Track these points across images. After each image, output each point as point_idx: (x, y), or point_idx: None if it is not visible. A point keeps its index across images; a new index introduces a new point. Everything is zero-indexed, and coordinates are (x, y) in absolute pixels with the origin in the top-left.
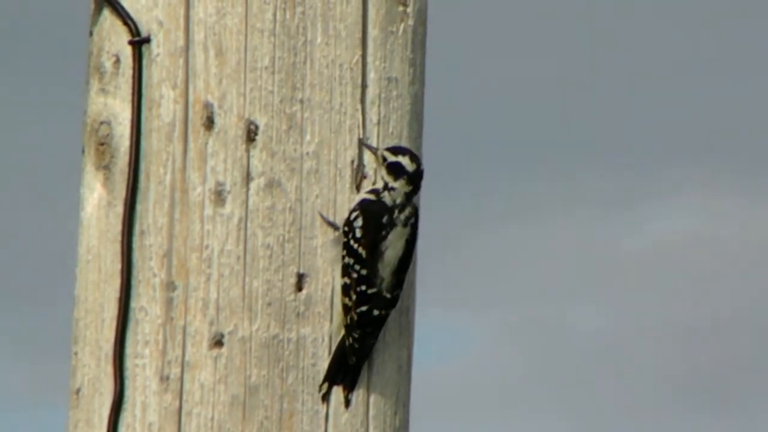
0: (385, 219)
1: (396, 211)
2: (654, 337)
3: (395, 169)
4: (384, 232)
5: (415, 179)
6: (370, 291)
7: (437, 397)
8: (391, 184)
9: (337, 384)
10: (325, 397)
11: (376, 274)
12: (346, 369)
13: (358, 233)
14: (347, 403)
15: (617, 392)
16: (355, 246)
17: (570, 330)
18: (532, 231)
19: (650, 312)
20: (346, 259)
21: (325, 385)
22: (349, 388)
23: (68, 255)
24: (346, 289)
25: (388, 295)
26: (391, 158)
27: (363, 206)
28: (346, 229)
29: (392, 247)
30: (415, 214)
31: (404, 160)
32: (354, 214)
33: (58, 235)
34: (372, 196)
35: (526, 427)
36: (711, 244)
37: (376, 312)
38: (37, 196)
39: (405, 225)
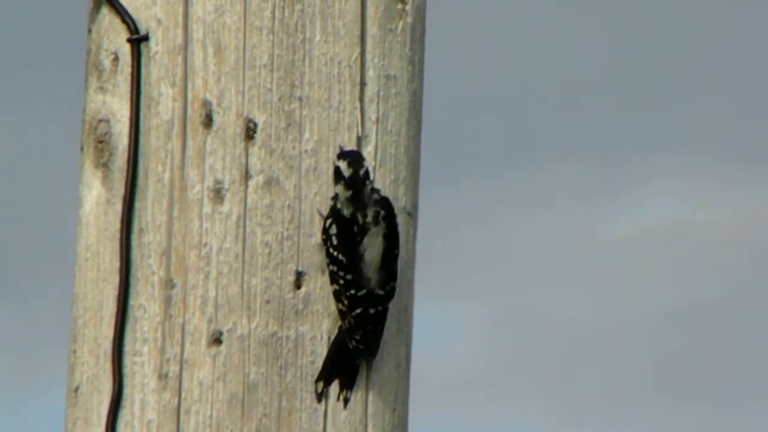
0: (355, 228)
1: (359, 217)
2: (641, 326)
3: (335, 174)
4: (358, 239)
5: (353, 184)
6: (359, 293)
7: (426, 389)
8: (335, 190)
9: (331, 383)
10: (320, 397)
11: (362, 276)
12: (342, 368)
13: (335, 240)
14: (346, 403)
15: (603, 381)
16: (335, 253)
17: (555, 320)
18: (515, 222)
19: (636, 300)
20: (331, 267)
21: (320, 384)
22: (348, 388)
23: (67, 253)
24: (337, 295)
25: (381, 292)
26: (336, 162)
27: (334, 213)
28: (324, 237)
29: (370, 248)
30: (384, 207)
31: (342, 165)
32: (328, 222)
33: (56, 233)
34: (332, 202)
35: (509, 417)
36: (692, 230)
37: (371, 310)
38: (36, 194)
39: (376, 223)
